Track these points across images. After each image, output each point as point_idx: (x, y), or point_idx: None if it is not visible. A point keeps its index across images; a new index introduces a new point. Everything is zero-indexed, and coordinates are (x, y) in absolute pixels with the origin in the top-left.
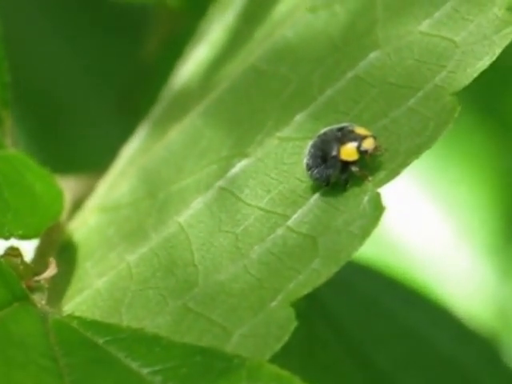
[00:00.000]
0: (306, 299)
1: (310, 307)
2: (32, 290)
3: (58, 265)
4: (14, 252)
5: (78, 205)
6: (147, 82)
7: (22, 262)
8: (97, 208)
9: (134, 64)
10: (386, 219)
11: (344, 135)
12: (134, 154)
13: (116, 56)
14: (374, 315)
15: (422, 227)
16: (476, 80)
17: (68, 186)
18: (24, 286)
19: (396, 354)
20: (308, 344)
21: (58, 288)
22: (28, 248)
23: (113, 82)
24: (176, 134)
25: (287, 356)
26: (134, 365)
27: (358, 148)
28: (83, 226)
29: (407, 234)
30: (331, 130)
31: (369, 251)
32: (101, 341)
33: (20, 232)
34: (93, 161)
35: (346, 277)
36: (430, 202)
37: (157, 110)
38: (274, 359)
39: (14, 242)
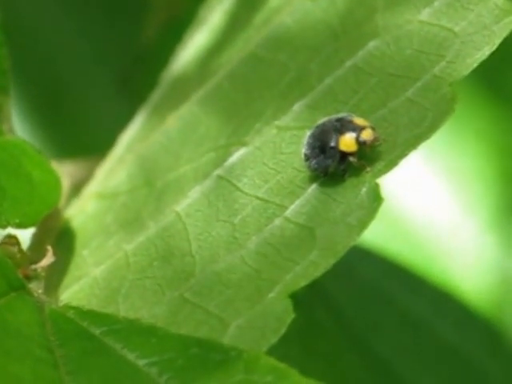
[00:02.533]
0: (306, 285)
1: (309, 293)
2: (29, 278)
3: (55, 253)
4: (11, 240)
5: (75, 191)
6: (147, 66)
7: (20, 250)
8: (95, 195)
9: (134, 48)
10: (389, 193)
11: (343, 126)
12: (132, 140)
13: (115, 40)
14: (374, 301)
15: (426, 201)
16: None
17: (66, 172)
18: (21, 274)
19: (396, 341)
20: (307, 330)
21: (55, 276)
22: (24, 235)
23: (112, 65)
24: (174, 120)
25: (286, 343)
26: (130, 356)
27: (357, 139)
28: (81, 213)
29: (410, 208)
30: (330, 121)
31: (371, 227)
32: (97, 331)
33: (17, 220)
34: (92, 145)
35: (346, 261)
36: (434, 175)
37: (156, 96)
38: (273, 346)
39: (10, 230)
